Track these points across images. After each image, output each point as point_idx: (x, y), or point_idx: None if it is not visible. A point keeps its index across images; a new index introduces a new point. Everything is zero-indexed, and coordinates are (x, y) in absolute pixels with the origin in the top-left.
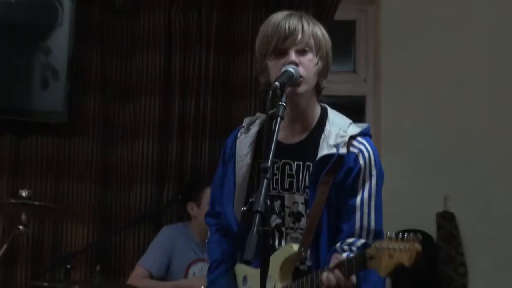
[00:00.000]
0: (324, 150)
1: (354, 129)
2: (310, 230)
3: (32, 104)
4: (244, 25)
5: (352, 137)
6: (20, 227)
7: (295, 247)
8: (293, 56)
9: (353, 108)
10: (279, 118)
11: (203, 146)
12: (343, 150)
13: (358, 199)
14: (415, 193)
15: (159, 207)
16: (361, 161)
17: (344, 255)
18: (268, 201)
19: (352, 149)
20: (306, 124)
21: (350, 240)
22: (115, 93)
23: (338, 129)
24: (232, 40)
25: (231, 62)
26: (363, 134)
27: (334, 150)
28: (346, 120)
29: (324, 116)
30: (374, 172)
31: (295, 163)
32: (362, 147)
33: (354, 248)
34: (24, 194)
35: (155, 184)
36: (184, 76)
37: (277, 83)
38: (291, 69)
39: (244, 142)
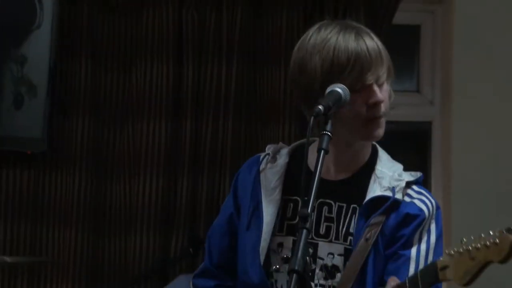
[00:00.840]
0: (377, 191)
1: (408, 176)
2: (346, 282)
3: (1, 129)
4: (276, 28)
5: (408, 184)
6: None
7: None
8: (378, 93)
9: (416, 138)
10: (322, 152)
11: (221, 183)
12: (398, 196)
13: (414, 250)
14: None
15: (164, 262)
16: (425, 211)
17: None
18: (308, 258)
19: (409, 198)
20: (354, 160)
21: None
22: (110, 115)
23: (393, 171)
24: (260, 47)
25: (259, 75)
26: (418, 182)
27: (388, 193)
28: (398, 165)
29: (375, 154)
30: (433, 226)
31: (337, 204)
32: (423, 197)
33: None
34: None
35: (159, 233)
36: (198, 92)
37: (320, 107)
38: (338, 89)
39: (271, 173)
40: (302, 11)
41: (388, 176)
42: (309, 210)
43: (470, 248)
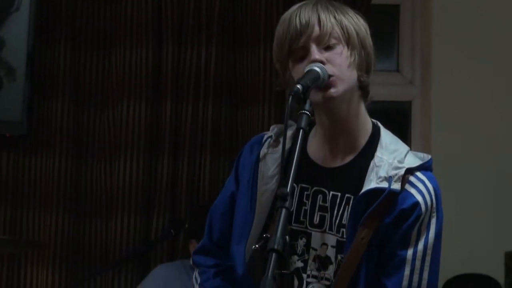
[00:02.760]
0: (372, 182)
1: (413, 160)
2: (341, 282)
3: None
4: (255, 9)
5: (410, 171)
6: None
7: None
8: (315, 53)
9: (395, 117)
10: (301, 131)
11: (202, 165)
12: (396, 186)
13: (410, 251)
14: (477, 228)
15: (145, 244)
16: (422, 206)
17: None
18: (287, 237)
19: (409, 187)
20: (351, 142)
21: None
22: (89, 97)
23: (393, 158)
24: (239, 28)
25: (238, 57)
26: (424, 167)
27: (384, 184)
28: (403, 147)
29: (375, 136)
30: (434, 220)
31: (331, 193)
32: (422, 187)
33: None
34: None
35: (140, 214)
36: (178, 75)
37: (298, 86)
38: (316, 68)
39: (271, 160)
40: None
41: (387, 164)
42: (288, 189)
43: None
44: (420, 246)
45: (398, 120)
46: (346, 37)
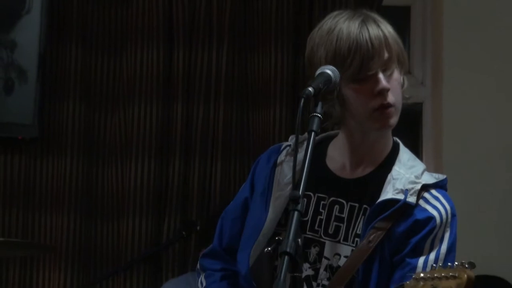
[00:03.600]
0: (389, 193)
1: (429, 178)
2: (339, 281)
3: None
4: (267, 11)
5: (425, 187)
6: None
7: None
8: (384, 81)
9: (407, 118)
10: (312, 134)
11: (213, 168)
12: (411, 199)
13: (421, 260)
14: (488, 231)
15: (157, 246)
16: (437, 220)
17: None
18: (299, 241)
19: (424, 204)
20: (372, 157)
21: None
22: (101, 99)
23: (410, 173)
24: (250, 31)
25: (249, 60)
26: (439, 186)
27: (400, 196)
28: (420, 165)
29: (395, 152)
30: (447, 234)
31: (349, 204)
32: (437, 203)
33: None
34: None
35: (152, 217)
36: (189, 77)
37: (310, 89)
38: (328, 71)
39: (287, 167)
40: None
41: (405, 178)
42: (300, 192)
43: (434, 276)
44: (432, 256)
45: (409, 121)
46: (402, 62)
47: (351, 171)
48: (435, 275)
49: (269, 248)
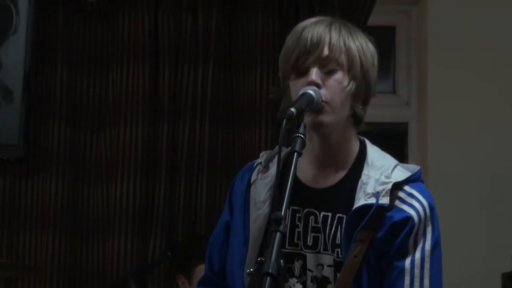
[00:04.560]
0: (361, 200)
1: (400, 173)
2: None
3: None
4: (252, 32)
5: (397, 185)
6: None
7: None
8: (314, 75)
9: (392, 139)
10: (295, 154)
11: (199, 188)
12: (384, 201)
13: (408, 261)
14: (474, 249)
15: (142, 266)
16: (415, 218)
17: None
18: (281, 261)
19: (400, 204)
20: (339, 162)
21: None
22: (86, 119)
23: (380, 173)
24: (236, 50)
25: (235, 79)
26: (411, 180)
27: (372, 200)
28: (390, 161)
29: (362, 154)
30: (429, 228)
31: (322, 213)
32: (413, 201)
33: None
34: None
35: (137, 237)
36: (175, 97)
37: (292, 109)
38: (310, 91)
39: (261, 185)
40: (277, 15)
41: (374, 180)
42: (282, 213)
43: None
44: (418, 254)
45: (395, 141)
46: (349, 65)
47: (321, 180)
48: None
49: (251, 270)
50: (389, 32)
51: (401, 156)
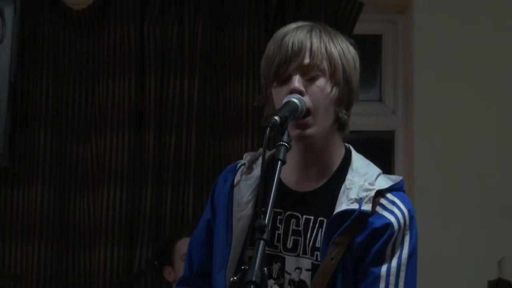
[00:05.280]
0: (343, 205)
1: (384, 182)
2: None
3: None
4: (238, 41)
5: (380, 193)
6: None
7: None
8: (296, 82)
9: (379, 147)
10: (279, 163)
11: (186, 195)
12: (366, 207)
13: (384, 268)
14: (460, 256)
15: (129, 276)
16: (395, 225)
17: None
18: (265, 270)
19: (381, 210)
20: (323, 168)
21: None
22: (72, 129)
23: (364, 180)
24: (222, 61)
25: (221, 89)
26: (394, 189)
27: (355, 206)
28: (373, 170)
29: (347, 160)
30: (407, 237)
31: (304, 217)
32: (394, 208)
33: None
34: None
35: (124, 246)
36: (161, 106)
37: (276, 118)
38: (295, 100)
39: (245, 186)
40: (263, 25)
41: (358, 186)
42: (266, 221)
43: None
44: (394, 262)
45: (381, 150)
46: (332, 71)
47: (304, 184)
48: None
49: (235, 278)
50: (376, 41)
51: (388, 165)
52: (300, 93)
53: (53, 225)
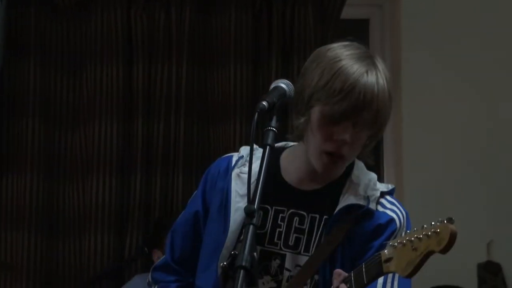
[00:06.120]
0: (351, 198)
1: (383, 186)
2: (300, 279)
3: None
4: (225, 28)
5: (382, 194)
6: None
7: None
8: (348, 133)
9: None
10: (267, 148)
11: (175, 182)
12: (373, 206)
13: None
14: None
15: (119, 263)
16: (397, 222)
17: None
18: (255, 254)
19: (382, 208)
20: None
21: None
22: (61, 116)
23: (368, 179)
24: (210, 46)
25: (209, 75)
26: (391, 193)
27: (363, 202)
28: (372, 174)
29: (351, 163)
30: None
31: (310, 215)
32: (394, 207)
33: None
34: None
35: (114, 233)
36: (149, 93)
37: (264, 103)
38: (282, 85)
39: (243, 178)
40: (250, 10)
41: (364, 183)
42: (255, 206)
43: (412, 238)
44: None
45: None
46: (377, 130)
47: (308, 182)
48: (415, 236)
49: (225, 263)
50: (363, 25)
51: (374, 148)
52: (346, 144)
53: (42, 213)
